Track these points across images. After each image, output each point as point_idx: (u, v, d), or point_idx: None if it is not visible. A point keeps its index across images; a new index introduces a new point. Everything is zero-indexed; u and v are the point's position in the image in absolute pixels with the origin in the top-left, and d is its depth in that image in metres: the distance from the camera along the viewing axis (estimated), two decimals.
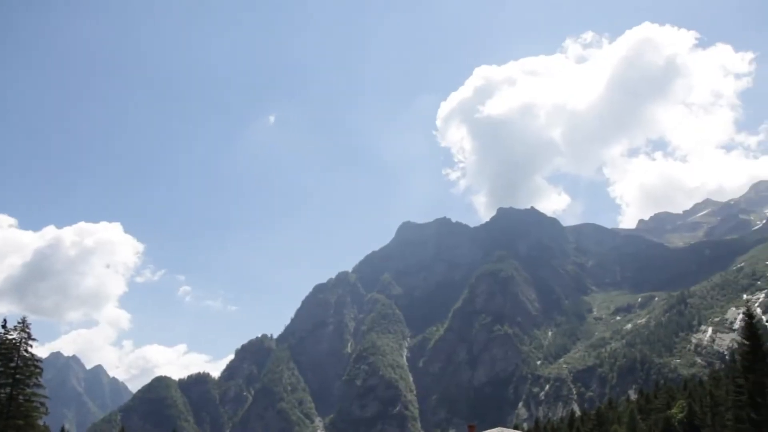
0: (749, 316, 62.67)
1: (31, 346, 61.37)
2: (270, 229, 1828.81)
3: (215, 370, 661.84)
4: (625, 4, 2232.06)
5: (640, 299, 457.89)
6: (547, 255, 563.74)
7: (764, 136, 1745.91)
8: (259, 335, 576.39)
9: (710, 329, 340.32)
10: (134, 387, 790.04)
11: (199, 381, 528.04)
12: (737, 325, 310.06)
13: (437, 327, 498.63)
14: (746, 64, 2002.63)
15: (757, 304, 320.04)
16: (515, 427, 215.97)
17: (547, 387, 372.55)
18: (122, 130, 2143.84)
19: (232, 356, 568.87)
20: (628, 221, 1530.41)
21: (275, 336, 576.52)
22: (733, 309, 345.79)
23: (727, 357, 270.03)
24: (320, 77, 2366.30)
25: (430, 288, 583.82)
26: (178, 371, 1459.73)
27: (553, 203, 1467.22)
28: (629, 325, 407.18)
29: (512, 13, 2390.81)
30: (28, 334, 60.86)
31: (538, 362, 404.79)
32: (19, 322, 60.68)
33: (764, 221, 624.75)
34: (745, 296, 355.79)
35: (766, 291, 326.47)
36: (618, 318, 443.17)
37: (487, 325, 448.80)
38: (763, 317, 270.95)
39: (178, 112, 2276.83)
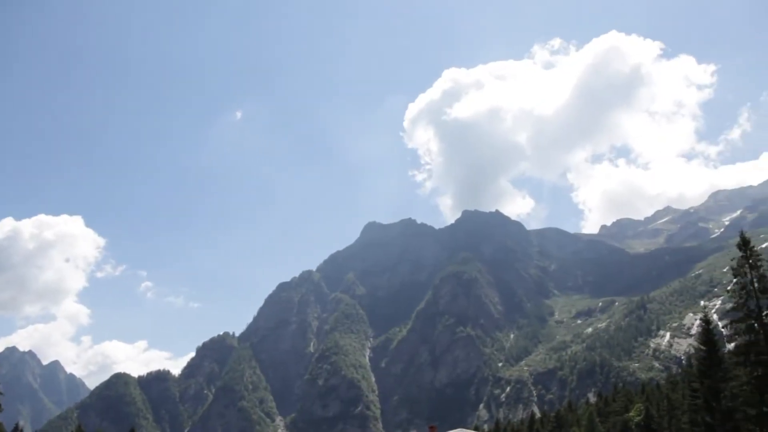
0: (706, 322, 63.96)
1: None
2: (234, 226, 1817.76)
3: (176, 368, 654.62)
4: (592, 12, 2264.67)
5: (600, 303, 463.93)
6: (511, 258, 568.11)
7: (724, 147, 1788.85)
8: (221, 333, 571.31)
9: (668, 334, 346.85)
10: (92, 384, 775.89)
11: (159, 378, 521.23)
12: (694, 330, 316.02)
13: (400, 328, 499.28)
14: (708, 76, 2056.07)
15: (714, 311, 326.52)
16: (475, 429, 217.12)
17: (508, 389, 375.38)
18: (87, 122, 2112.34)
19: (193, 354, 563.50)
20: (590, 226, 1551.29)
21: (237, 334, 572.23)
22: (691, 315, 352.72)
23: (683, 362, 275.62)
24: (289, 74, 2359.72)
25: (393, 288, 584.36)
26: (137, 368, 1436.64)
27: (518, 207, 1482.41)
28: (590, 329, 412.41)
29: (482, 17, 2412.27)
30: None
31: (500, 364, 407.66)
32: None
33: (722, 229, 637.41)
34: (702, 302, 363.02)
35: (722, 298, 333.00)
36: (579, 322, 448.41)
37: (450, 326, 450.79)
38: (720, 323, 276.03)
39: (144, 105, 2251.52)
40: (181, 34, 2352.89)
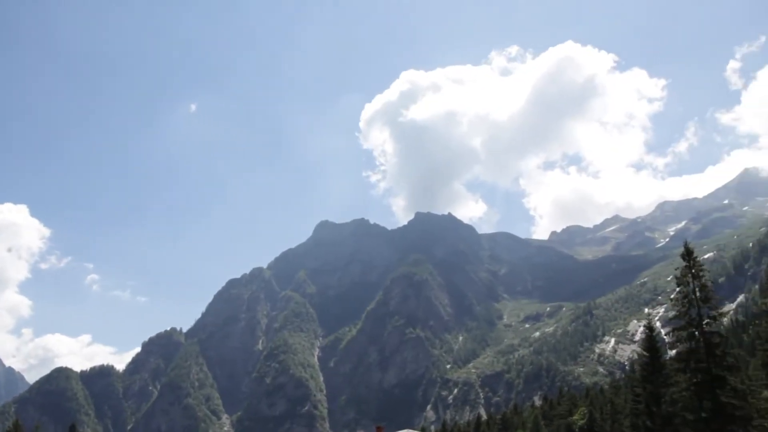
0: (650, 329, 65.53)
1: None
2: (185, 220, 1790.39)
3: (120, 363, 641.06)
4: (550, 22, 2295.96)
5: (548, 308, 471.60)
6: (462, 261, 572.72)
7: (671, 159, 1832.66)
8: (168, 328, 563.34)
9: (613, 340, 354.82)
10: (32, 378, 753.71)
11: (103, 373, 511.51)
12: (638, 337, 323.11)
13: (350, 327, 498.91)
14: (659, 90, 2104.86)
15: (657, 318, 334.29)
16: (422, 430, 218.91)
17: (456, 391, 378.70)
18: (35, 110, 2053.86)
19: (138, 349, 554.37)
20: (541, 232, 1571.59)
21: (185, 330, 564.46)
22: (635, 321, 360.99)
23: (627, 367, 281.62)
24: (246, 68, 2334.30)
25: (344, 288, 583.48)
26: (80, 362, 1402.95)
27: (470, 210, 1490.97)
28: (537, 333, 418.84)
29: (442, 21, 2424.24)
30: None
31: (448, 366, 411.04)
32: None
33: (667, 239, 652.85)
34: (646, 310, 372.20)
35: (666, 306, 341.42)
36: (527, 326, 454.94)
37: (400, 327, 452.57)
38: (662, 330, 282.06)
39: (95, 93, 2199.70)
40: (136, 22, 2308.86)
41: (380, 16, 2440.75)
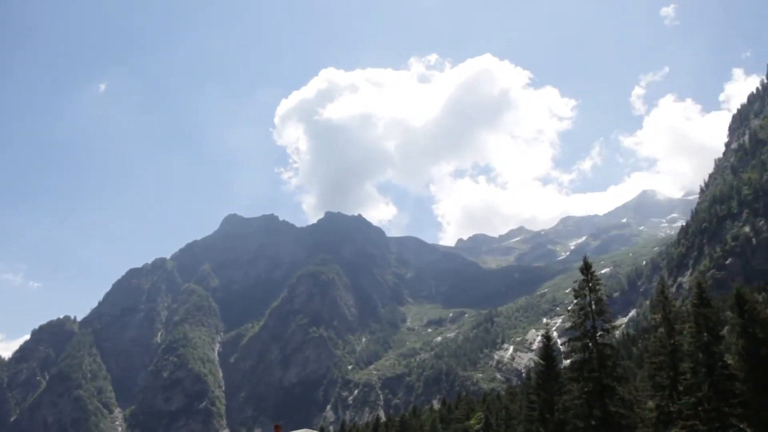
0: (547, 338, 67.83)
1: None
2: (87, 205, 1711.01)
3: (6, 351, 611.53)
4: (471, 34, 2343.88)
5: (451, 314, 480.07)
6: (369, 263, 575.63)
7: (576, 176, 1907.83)
8: (61, 316, 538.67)
9: (512, 348, 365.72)
10: None
11: None
12: (536, 345, 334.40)
13: (253, 324, 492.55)
14: (569, 110, 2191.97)
15: (554, 328, 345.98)
16: (321, 429, 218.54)
17: (356, 392, 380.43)
18: None
19: (27, 336, 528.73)
20: (448, 238, 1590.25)
21: (79, 319, 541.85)
22: (534, 331, 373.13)
23: (524, 374, 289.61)
24: (161, 51, 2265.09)
25: (249, 283, 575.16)
26: None
27: (380, 213, 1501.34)
28: (439, 338, 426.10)
29: (366, 22, 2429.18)
30: None
31: (350, 367, 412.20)
32: None
33: (568, 253, 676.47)
34: (545, 320, 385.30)
35: (563, 317, 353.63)
36: (429, 330, 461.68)
37: (304, 326, 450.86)
38: (559, 341, 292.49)
39: None
40: None
41: (304, 11, 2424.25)
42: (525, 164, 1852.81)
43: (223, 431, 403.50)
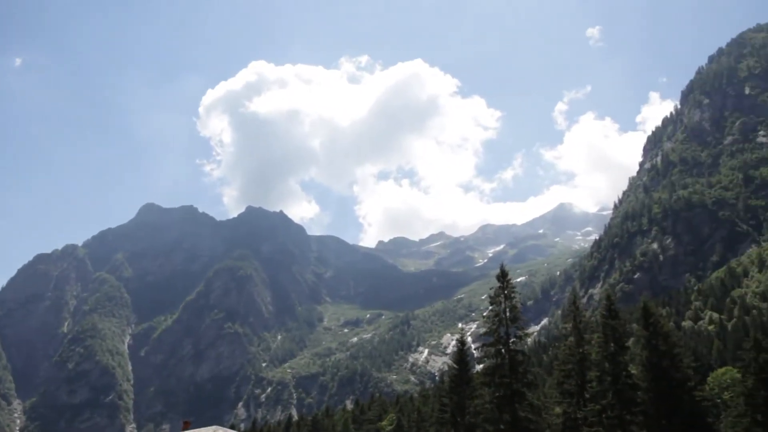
0: (461, 343, 69.28)
1: None
2: None
3: None
4: (403, 38, 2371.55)
5: (368, 315, 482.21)
6: (289, 260, 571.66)
7: (497, 185, 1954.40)
8: None
9: (426, 350, 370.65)
10: None
11: None
12: (450, 349, 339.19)
13: (166, 317, 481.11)
14: (494, 120, 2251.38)
15: (469, 333, 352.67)
16: (232, 427, 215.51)
17: (269, 389, 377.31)
18: None
19: None
20: (369, 240, 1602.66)
21: None
22: (449, 335, 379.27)
23: (437, 378, 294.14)
24: (83, 29, 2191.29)
25: (164, 275, 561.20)
26: None
27: (303, 210, 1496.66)
28: (355, 339, 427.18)
29: (299, 17, 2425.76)
30: None
31: (264, 364, 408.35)
32: None
33: (486, 260, 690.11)
34: (460, 324, 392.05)
35: (478, 323, 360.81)
36: (346, 330, 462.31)
37: (219, 321, 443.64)
38: (473, 345, 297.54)
39: None
40: None
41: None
42: (448, 170, 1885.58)
43: (130, 426, 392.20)
